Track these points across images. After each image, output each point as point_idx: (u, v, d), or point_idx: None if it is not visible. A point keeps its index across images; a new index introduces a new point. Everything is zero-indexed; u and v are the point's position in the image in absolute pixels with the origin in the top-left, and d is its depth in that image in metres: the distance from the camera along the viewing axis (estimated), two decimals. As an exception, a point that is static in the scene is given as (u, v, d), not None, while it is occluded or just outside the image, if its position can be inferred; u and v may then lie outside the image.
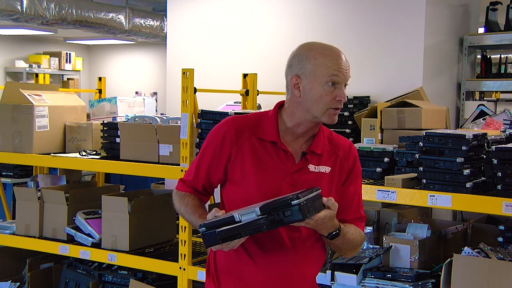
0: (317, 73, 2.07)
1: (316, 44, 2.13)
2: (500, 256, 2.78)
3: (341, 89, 2.08)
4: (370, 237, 3.17)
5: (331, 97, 2.07)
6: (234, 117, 2.21)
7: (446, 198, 2.73)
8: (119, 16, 7.84)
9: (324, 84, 2.06)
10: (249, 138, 2.13)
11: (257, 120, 2.18)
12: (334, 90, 2.07)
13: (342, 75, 2.08)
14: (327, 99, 2.07)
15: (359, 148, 3.22)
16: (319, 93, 2.07)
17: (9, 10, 6.55)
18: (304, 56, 2.10)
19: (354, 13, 4.30)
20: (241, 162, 2.11)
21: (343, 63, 2.09)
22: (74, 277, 4.13)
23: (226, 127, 2.15)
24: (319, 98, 2.07)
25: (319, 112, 2.09)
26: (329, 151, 2.18)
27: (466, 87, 4.56)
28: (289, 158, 2.12)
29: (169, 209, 4.07)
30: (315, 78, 2.07)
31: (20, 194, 4.21)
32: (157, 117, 3.98)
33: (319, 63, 2.07)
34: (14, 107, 4.14)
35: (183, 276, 3.52)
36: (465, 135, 2.77)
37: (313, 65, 2.07)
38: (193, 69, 3.49)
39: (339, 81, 2.07)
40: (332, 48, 2.12)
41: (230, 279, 2.15)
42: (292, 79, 2.12)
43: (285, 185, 2.09)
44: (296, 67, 2.11)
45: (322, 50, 2.10)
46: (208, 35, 4.96)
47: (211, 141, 2.18)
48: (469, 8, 4.65)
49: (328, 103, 2.08)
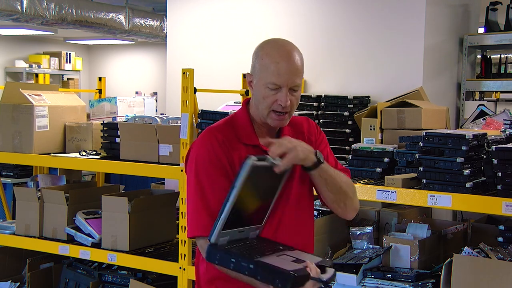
0: (261, 74, 2.03)
1: (270, 42, 2.08)
2: (500, 256, 2.78)
3: (283, 94, 2.01)
4: (370, 237, 3.17)
5: (272, 100, 2.03)
6: (210, 130, 2.11)
7: (446, 198, 2.73)
8: (119, 16, 7.84)
9: (265, 86, 2.02)
10: (235, 145, 2.07)
11: (231, 124, 2.12)
12: (276, 94, 2.02)
13: (283, 80, 2.00)
14: (268, 101, 2.03)
15: (359, 148, 3.22)
16: (261, 94, 2.04)
17: (9, 10, 6.55)
18: (255, 54, 2.08)
19: (354, 13, 4.30)
20: (234, 172, 2.01)
21: (288, 67, 2.00)
22: (74, 277, 4.13)
23: (209, 145, 2.03)
24: (261, 99, 2.05)
25: (263, 113, 2.06)
26: (295, 133, 2.17)
27: (466, 87, 4.56)
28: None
29: (169, 209, 4.07)
30: (260, 79, 2.04)
31: (20, 194, 4.21)
32: (157, 117, 3.99)
33: (264, 63, 2.03)
34: (14, 107, 4.14)
35: (183, 276, 3.52)
36: (465, 135, 2.77)
37: (260, 65, 2.04)
38: (193, 69, 3.49)
39: (279, 85, 2.01)
40: (282, 49, 2.04)
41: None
42: (247, 76, 2.11)
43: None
44: (251, 65, 2.10)
45: (270, 50, 2.04)
46: (208, 35, 4.96)
47: (203, 168, 2.02)
48: (469, 8, 4.65)
49: (269, 106, 2.04)
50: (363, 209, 3.57)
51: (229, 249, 1.86)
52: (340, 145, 3.76)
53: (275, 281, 1.75)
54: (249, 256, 1.84)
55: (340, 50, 4.32)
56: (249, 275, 1.80)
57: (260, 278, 1.78)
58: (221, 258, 1.85)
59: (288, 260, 1.86)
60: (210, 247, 1.87)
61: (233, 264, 1.82)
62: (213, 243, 1.87)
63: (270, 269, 1.77)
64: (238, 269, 1.82)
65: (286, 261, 1.85)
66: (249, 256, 1.84)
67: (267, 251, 1.91)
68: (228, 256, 1.84)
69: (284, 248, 1.97)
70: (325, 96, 3.91)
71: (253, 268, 1.79)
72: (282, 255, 1.90)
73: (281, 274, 1.75)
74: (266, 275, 1.77)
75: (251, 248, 1.92)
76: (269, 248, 1.94)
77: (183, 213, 3.48)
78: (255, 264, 1.79)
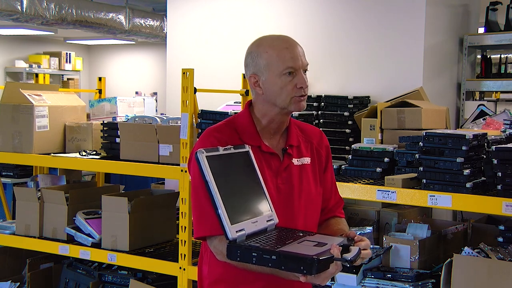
0: (271, 66, 2.03)
1: (265, 37, 2.10)
2: (500, 256, 2.78)
3: (300, 76, 2.04)
4: (370, 237, 3.17)
5: (292, 86, 2.03)
6: (209, 131, 2.11)
7: (446, 198, 2.73)
8: (119, 16, 7.84)
9: (281, 75, 2.03)
10: (236, 144, 2.05)
11: (233, 125, 2.12)
12: (293, 79, 2.03)
13: (298, 62, 2.03)
14: (288, 89, 2.04)
15: (359, 148, 3.22)
16: (278, 85, 2.04)
17: (9, 10, 6.55)
18: (255, 53, 2.07)
19: (354, 13, 4.30)
20: None
21: (296, 50, 2.05)
22: (74, 277, 4.13)
23: (208, 145, 2.01)
24: (280, 90, 2.04)
25: (284, 103, 2.06)
26: (304, 140, 2.18)
27: (466, 87, 4.55)
28: (275, 158, 2.11)
29: (169, 209, 4.07)
30: (271, 71, 2.04)
31: (20, 194, 4.21)
32: (157, 117, 3.99)
33: (271, 55, 2.03)
34: (14, 107, 4.14)
35: (183, 276, 3.52)
36: (465, 135, 2.77)
37: (265, 59, 2.04)
38: (193, 69, 3.49)
39: (295, 68, 2.03)
40: (281, 38, 2.08)
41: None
42: (250, 79, 2.09)
43: (279, 185, 2.08)
44: (251, 66, 2.08)
45: (271, 42, 2.06)
46: (208, 35, 4.96)
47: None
48: (469, 8, 4.65)
49: (290, 93, 2.04)
50: (363, 209, 3.57)
51: (249, 244, 1.84)
52: (340, 145, 3.76)
53: (300, 267, 1.74)
54: (270, 247, 1.82)
55: (340, 50, 4.32)
56: (273, 266, 1.78)
57: (284, 268, 1.77)
58: (242, 254, 1.82)
59: (310, 246, 1.85)
60: (229, 245, 1.83)
61: (255, 259, 1.80)
62: (232, 240, 1.84)
63: (293, 257, 1.75)
64: (261, 262, 1.79)
65: (308, 246, 1.85)
66: (270, 247, 1.82)
67: (287, 239, 1.90)
68: (249, 251, 1.81)
69: (304, 234, 1.96)
70: (325, 96, 3.91)
71: (276, 259, 1.77)
72: (304, 241, 1.89)
73: (305, 260, 1.74)
74: (290, 264, 1.75)
75: (271, 240, 1.90)
76: (289, 236, 1.93)
77: (183, 213, 3.48)
78: (277, 255, 1.77)
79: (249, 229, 1.89)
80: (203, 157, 1.86)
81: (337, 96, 3.88)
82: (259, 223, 1.94)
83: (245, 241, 1.86)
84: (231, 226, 1.84)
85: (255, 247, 1.82)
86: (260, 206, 1.98)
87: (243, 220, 1.89)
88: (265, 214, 1.97)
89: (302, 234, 1.95)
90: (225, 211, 1.85)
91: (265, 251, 1.79)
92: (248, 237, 1.88)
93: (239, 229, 1.86)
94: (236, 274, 2.05)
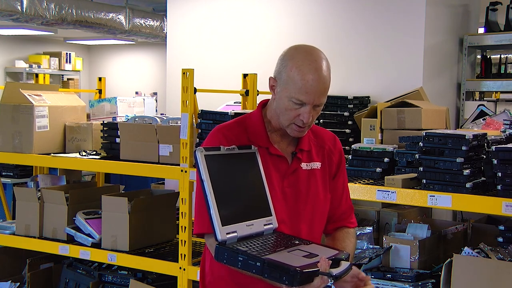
0: (288, 85, 1.97)
1: (301, 52, 2.00)
2: (500, 256, 2.78)
3: (306, 111, 1.97)
4: (370, 237, 3.17)
5: (295, 114, 1.98)
6: (219, 128, 2.10)
7: (446, 198, 2.73)
8: (119, 16, 7.84)
9: (290, 98, 1.97)
10: (244, 144, 2.05)
11: (243, 125, 2.11)
12: (299, 108, 1.97)
13: (309, 98, 1.95)
14: (290, 114, 1.99)
15: (359, 148, 3.22)
16: (284, 105, 1.99)
17: (9, 10, 6.55)
18: (285, 62, 2.00)
19: (355, 13, 4.30)
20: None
21: (316, 86, 1.94)
22: (74, 277, 4.13)
23: (216, 143, 2.00)
24: (283, 110, 2.00)
25: (284, 123, 2.03)
26: (316, 144, 2.16)
27: (466, 87, 4.56)
28: (283, 161, 2.09)
29: (169, 209, 4.07)
30: (285, 89, 1.98)
31: (20, 194, 4.21)
32: (157, 117, 3.99)
33: (291, 76, 1.96)
34: (14, 107, 4.14)
35: (183, 276, 3.52)
36: (465, 135, 2.77)
37: (287, 76, 1.97)
38: (193, 69, 3.49)
39: (304, 102, 1.96)
40: (313, 64, 1.96)
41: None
42: (271, 80, 2.06)
43: (284, 189, 2.07)
44: (277, 69, 2.04)
45: (301, 62, 1.96)
46: (208, 35, 4.96)
47: None
48: (469, 8, 4.65)
49: (291, 118, 2.00)
50: (363, 209, 3.57)
51: (237, 248, 1.80)
52: (340, 145, 3.76)
53: (282, 278, 1.70)
54: (257, 253, 1.78)
55: (340, 50, 4.32)
56: (256, 273, 1.75)
57: (267, 276, 1.73)
58: (229, 257, 1.79)
59: (299, 256, 1.81)
60: (218, 246, 1.81)
61: (240, 263, 1.77)
62: (222, 242, 1.81)
63: (276, 266, 1.72)
64: (246, 267, 1.76)
65: (297, 256, 1.81)
66: (257, 253, 1.78)
67: (279, 247, 1.87)
68: (235, 255, 1.78)
69: (300, 242, 1.92)
70: (325, 96, 3.90)
71: (259, 266, 1.73)
72: (295, 250, 1.85)
73: (287, 271, 1.70)
74: (273, 273, 1.72)
75: (262, 245, 1.86)
76: (282, 244, 1.89)
77: (183, 213, 3.48)
78: (262, 262, 1.74)
79: (242, 232, 1.87)
80: (201, 156, 1.85)
81: (337, 96, 3.87)
82: (255, 226, 1.92)
83: (236, 244, 1.83)
84: (222, 228, 1.82)
85: (242, 251, 1.78)
86: (259, 209, 1.96)
87: (237, 222, 1.87)
88: (263, 218, 1.95)
89: (297, 242, 1.92)
90: (217, 211, 1.82)
91: (251, 257, 1.76)
92: (240, 239, 1.85)
93: (231, 231, 1.84)
94: (236, 272, 2.03)
